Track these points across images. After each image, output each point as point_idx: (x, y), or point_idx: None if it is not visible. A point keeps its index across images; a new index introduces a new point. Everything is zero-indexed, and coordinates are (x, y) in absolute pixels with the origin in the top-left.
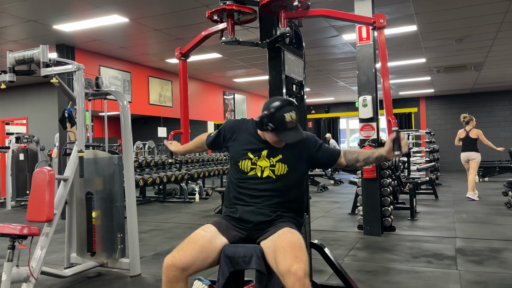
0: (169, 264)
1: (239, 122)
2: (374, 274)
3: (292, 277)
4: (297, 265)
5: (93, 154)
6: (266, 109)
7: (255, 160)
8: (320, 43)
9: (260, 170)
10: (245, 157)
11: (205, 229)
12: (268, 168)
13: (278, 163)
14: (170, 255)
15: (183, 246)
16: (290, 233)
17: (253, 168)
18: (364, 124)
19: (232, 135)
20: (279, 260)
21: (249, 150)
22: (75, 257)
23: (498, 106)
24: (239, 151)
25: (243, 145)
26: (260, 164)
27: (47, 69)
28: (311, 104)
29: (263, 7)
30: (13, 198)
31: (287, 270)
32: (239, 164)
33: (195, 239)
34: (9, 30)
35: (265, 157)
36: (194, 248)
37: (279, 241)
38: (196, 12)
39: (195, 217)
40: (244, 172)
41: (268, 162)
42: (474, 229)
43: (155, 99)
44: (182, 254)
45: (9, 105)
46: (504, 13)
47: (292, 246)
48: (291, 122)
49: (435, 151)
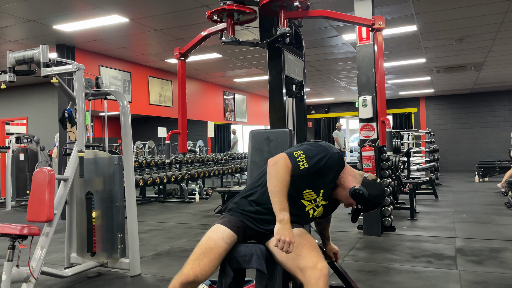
0: (191, 280)
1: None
2: (374, 274)
3: (318, 273)
4: (322, 263)
5: (93, 154)
6: (371, 194)
7: (319, 201)
8: (320, 43)
9: (313, 211)
10: (315, 190)
11: (222, 236)
12: (320, 209)
13: (322, 205)
14: (189, 268)
15: (200, 258)
16: (305, 234)
17: (310, 206)
18: (364, 124)
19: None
20: (305, 255)
21: (322, 188)
22: (75, 257)
23: (498, 106)
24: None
25: (326, 181)
26: (317, 204)
27: (47, 69)
28: (311, 104)
29: (263, 7)
30: (13, 198)
31: (313, 265)
32: (304, 195)
33: (211, 246)
34: (9, 30)
35: (322, 199)
36: (212, 260)
37: (299, 239)
38: (196, 12)
39: (195, 217)
40: (300, 204)
41: (322, 205)
42: (474, 229)
43: (155, 99)
44: (203, 269)
45: (9, 105)
46: (504, 13)
47: (315, 246)
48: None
49: (435, 151)
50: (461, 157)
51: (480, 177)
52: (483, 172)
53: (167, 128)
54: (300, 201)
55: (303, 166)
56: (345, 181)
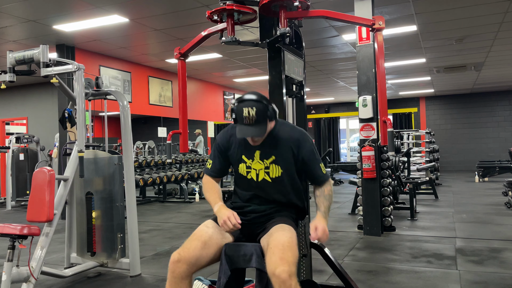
0: (176, 259)
1: (230, 129)
2: (374, 274)
3: (275, 279)
4: (281, 267)
5: (93, 154)
6: (236, 100)
7: (249, 164)
8: (320, 43)
9: (255, 173)
10: (240, 161)
11: (207, 224)
12: (263, 170)
13: (271, 165)
14: (176, 252)
15: (187, 243)
16: (282, 231)
17: (249, 171)
18: (364, 124)
19: (229, 145)
20: (267, 261)
21: (243, 153)
22: (75, 257)
23: (498, 106)
24: (235, 157)
25: (238, 149)
26: (255, 167)
27: (47, 69)
28: (311, 104)
29: (263, 7)
30: (13, 198)
31: (272, 273)
32: (238, 168)
33: (198, 235)
34: (9, 30)
35: (259, 159)
36: (197, 245)
37: (270, 240)
38: (196, 12)
39: (195, 217)
40: (242, 176)
41: (262, 165)
42: (474, 229)
43: (155, 99)
44: (187, 251)
45: (9, 105)
46: (504, 13)
47: (280, 246)
48: (246, 118)
49: (435, 151)
50: (461, 157)
51: (480, 177)
52: (483, 172)
53: (167, 128)
54: (241, 175)
55: (209, 165)
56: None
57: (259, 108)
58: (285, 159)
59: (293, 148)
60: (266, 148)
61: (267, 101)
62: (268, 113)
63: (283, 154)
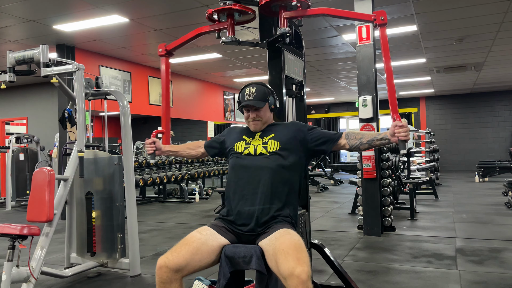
0: (161, 265)
1: (235, 127)
2: (374, 274)
3: (296, 280)
4: (300, 267)
5: (93, 154)
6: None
7: (249, 141)
8: (320, 43)
9: (253, 148)
10: (240, 139)
11: (201, 231)
12: (261, 145)
13: (270, 140)
14: (163, 256)
15: (176, 248)
16: (288, 234)
17: (247, 147)
18: (364, 124)
19: (229, 135)
20: (281, 262)
21: (244, 134)
22: (75, 257)
23: (498, 106)
24: (235, 138)
25: (239, 134)
26: (254, 143)
27: (47, 69)
28: (311, 104)
29: (263, 7)
30: (13, 198)
31: (290, 273)
32: (235, 147)
33: (190, 241)
34: (9, 30)
35: (259, 137)
36: (188, 250)
37: (278, 243)
38: (196, 12)
39: (195, 217)
40: (239, 153)
41: (261, 141)
42: (474, 229)
43: (155, 99)
44: (176, 256)
45: (9, 105)
46: (504, 13)
47: (293, 247)
48: (247, 94)
49: (435, 151)
50: (461, 157)
51: (480, 177)
52: (483, 172)
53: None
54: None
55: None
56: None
57: (259, 88)
58: (284, 136)
59: (296, 134)
60: (267, 132)
61: (268, 88)
62: (268, 96)
63: (283, 133)
